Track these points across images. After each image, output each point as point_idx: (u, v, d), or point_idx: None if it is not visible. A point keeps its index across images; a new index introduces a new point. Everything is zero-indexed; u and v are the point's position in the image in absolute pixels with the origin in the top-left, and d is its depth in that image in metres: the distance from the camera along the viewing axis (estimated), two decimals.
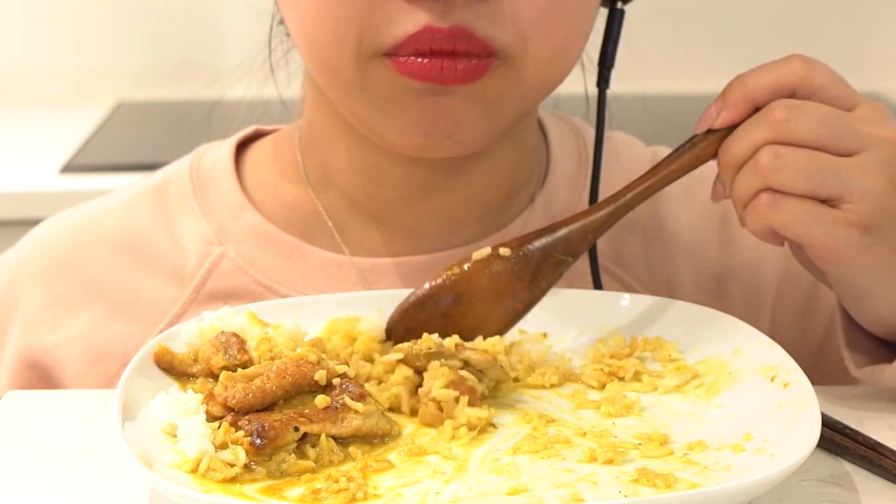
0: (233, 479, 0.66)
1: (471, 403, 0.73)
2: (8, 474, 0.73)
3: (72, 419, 0.80)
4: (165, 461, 0.67)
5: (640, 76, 1.00)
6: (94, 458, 0.74)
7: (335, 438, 0.70)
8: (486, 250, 0.80)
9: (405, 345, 0.76)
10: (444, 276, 0.80)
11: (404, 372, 0.75)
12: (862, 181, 0.74)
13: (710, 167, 0.81)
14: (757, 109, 0.77)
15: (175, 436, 0.69)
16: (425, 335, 0.76)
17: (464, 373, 0.74)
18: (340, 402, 0.71)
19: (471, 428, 0.72)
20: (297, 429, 0.68)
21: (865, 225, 0.74)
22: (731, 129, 0.77)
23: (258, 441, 0.67)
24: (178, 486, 0.64)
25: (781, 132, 0.74)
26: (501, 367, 0.76)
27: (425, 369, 0.75)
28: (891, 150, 0.75)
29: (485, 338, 0.79)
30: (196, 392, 0.72)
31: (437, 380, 0.73)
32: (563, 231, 0.80)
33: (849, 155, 0.75)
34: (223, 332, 0.78)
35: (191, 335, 0.79)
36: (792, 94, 0.77)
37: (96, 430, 0.77)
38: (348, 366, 0.74)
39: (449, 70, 0.78)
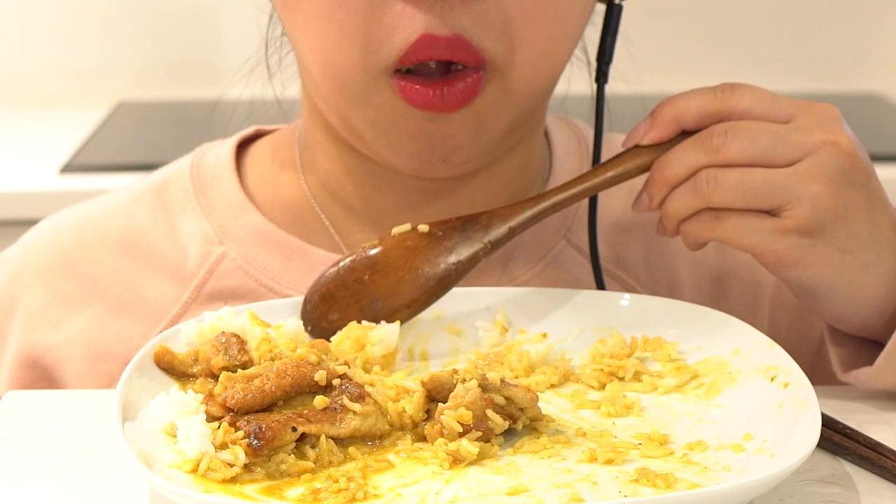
0: (233, 479, 0.66)
1: (484, 438, 0.70)
2: (8, 474, 0.73)
3: (72, 419, 0.80)
4: (165, 461, 0.67)
5: (640, 76, 1.00)
6: (94, 458, 0.74)
7: (334, 439, 0.70)
8: (406, 226, 0.82)
9: (443, 372, 0.73)
10: (362, 247, 0.82)
11: (420, 399, 0.72)
12: (797, 188, 0.77)
13: None
14: (684, 131, 0.81)
15: (175, 436, 0.69)
16: (471, 365, 0.74)
17: (490, 413, 0.71)
18: (339, 402, 0.70)
19: (457, 460, 0.69)
20: (294, 429, 0.68)
21: (806, 228, 0.78)
22: (659, 146, 0.81)
23: (255, 443, 0.67)
24: (178, 486, 0.64)
25: (717, 156, 0.78)
26: (539, 406, 0.74)
27: (445, 400, 0.72)
28: (828, 152, 0.78)
29: (394, 311, 0.81)
30: (196, 392, 0.72)
31: (456, 409, 0.70)
32: (484, 218, 0.83)
33: (787, 165, 0.78)
34: (223, 332, 0.78)
35: (191, 335, 0.79)
36: (725, 118, 0.80)
37: (96, 430, 0.77)
38: (349, 366, 0.74)
39: (449, 96, 0.81)
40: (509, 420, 0.71)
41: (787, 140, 0.78)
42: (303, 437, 0.69)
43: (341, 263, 0.82)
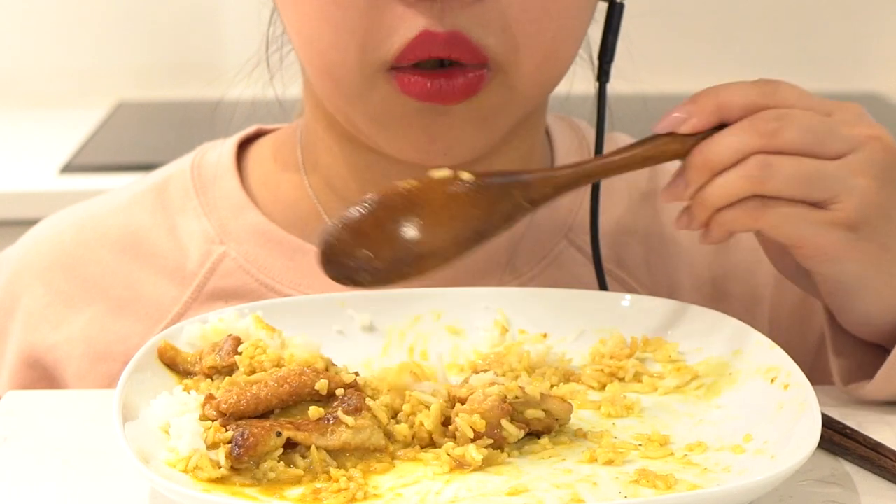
0: (221, 480, 0.66)
1: (496, 446, 0.70)
2: (8, 474, 0.73)
3: (72, 419, 0.80)
4: (160, 458, 0.67)
5: (640, 75, 1.00)
6: (94, 458, 0.74)
7: (325, 450, 0.69)
8: (447, 171, 0.77)
9: (484, 376, 0.72)
10: (401, 186, 0.77)
11: (436, 411, 0.71)
12: (848, 181, 0.76)
13: None
14: (723, 124, 0.77)
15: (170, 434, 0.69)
16: (513, 384, 0.72)
17: (506, 423, 0.70)
18: (334, 414, 0.70)
19: (460, 465, 0.69)
20: (279, 434, 0.67)
21: (853, 222, 0.76)
22: (694, 136, 0.77)
23: (236, 450, 0.66)
24: (178, 486, 0.64)
25: (771, 141, 0.75)
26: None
27: (464, 401, 0.71)
28: (874, 147, 0.77)
29: (427, 256, 0.75)
30: (199, 394, 0.72)
31: (471, 415, 0.70)
32: (526, 176, 0.78)
33: (836, 158, 0.76)
34: (230, 335, 0.77)
35: (193, 336, 0.79)
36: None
37: (96, 430, 0.76)
38: (357, 375, 0.73)
39: (448, 89, 0.79)
40: (545, 432, 0.72)
41: (837, 132, 0.77)
42: (294, 446, 0.68)
43: (373, 199, 0.76)
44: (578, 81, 0.96)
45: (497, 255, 0.93)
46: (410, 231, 0.75)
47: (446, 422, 0.71)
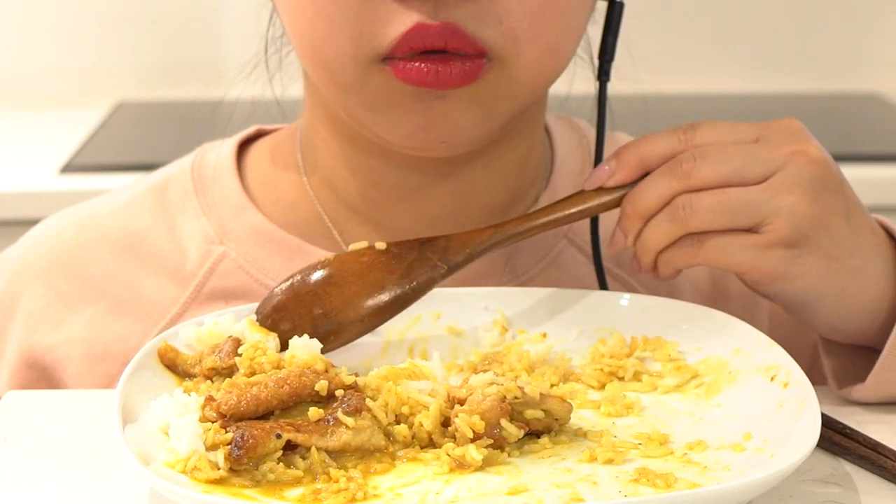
0: (219, 481, 0.66)
1: (496, 446, 0.70)
2: (8, 474, 0.73)
3: (72, 419, 0.80)
4: (159, 459, 0.67)
5: (640, 75, 1.00)
6: (94, 458, 0.74)
7: (326, 451, 0.69)
8: (363, 243, 0.83)
9: (483, 376, 0.72)
10: (318, 260, 0.82)
11: (435, 412, 0.71)
12: (773, 201, 0.78)
13: None
14: (646, 173, 0.82)
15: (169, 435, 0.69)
16: (512, 385, 0.72)
17: (505, 423, 0.70)
18: (334, 415, 0.69)
19: (460, 465, 0.68)
20: (279, 436, 0.67)
21: (788, 240, 0.78)
22: (622, 187, 0.82)
23: (235, 451, 0.66)
24: (178, 487, 0.64)
25: (689, 181, 0.79)
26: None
27: (463, 401, 0.71)
28: (798, 162, 0.79)
29: (347, 325, 0.80)
30: (199, 395, 0.72)
31: (470, 416, 0.70)
32: (442, 241, 0.83)
33: (760, 181, 0.79)
34: (230, 336, 0.77)
35: (189, 338, 0.79)
36: None
37: (96, 430, 0.77)
38: (357, 376, 0.73)
39: (444, 74, 0.80)
40: (544, 431, 0.72)
41: (755, 157, 0.79)
42: (294, 448, 0.68)
43: (296, 276, 0.82)
44: (578, 81, 0.96)
45: (497, 256, 0.93)
46: (328, 302, 0.80)
47: (446, 422, 0.71)
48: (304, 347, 0.76)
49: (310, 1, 0.81)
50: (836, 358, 0.85)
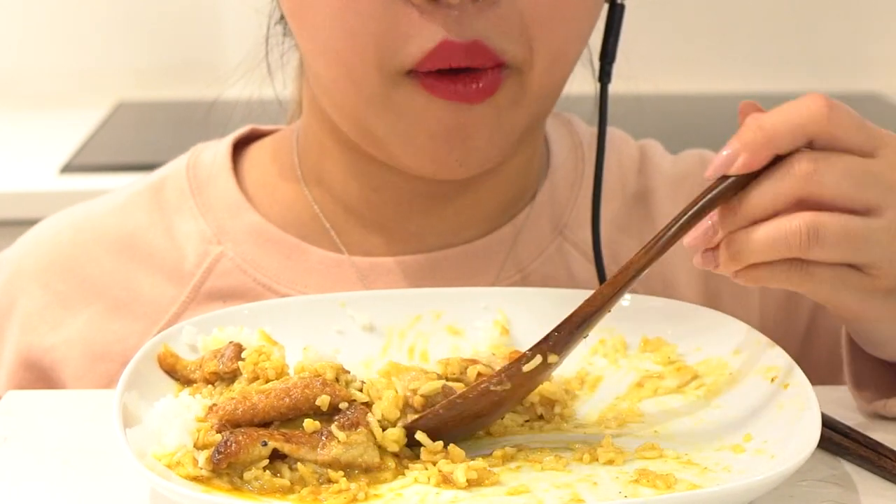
0: (203, 479, 0.66)
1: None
2: (8, 474, 0.73)
3: (72, 419, 0.80)
4: (148, 452, 0.67)
5: (641, 76, 1.00)
6: (94, 458, 0.74)
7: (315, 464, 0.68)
8: (538, 360, 0.72)
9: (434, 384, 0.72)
10: (494, 390, 0.72)
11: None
12: (891, 247, 0.71)
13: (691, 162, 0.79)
14: (778, 156, 0.71)
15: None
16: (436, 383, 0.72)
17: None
18: (328, 428, 0.69)
19: (443, 481, 0.67)
20: (265, 443, 0.67)
21: (892, 288, 0.73)
22: (747, 175, 0.71)
23: (216, 455, 0.66)
24: (178, 486, 0.64)
25: (809, 187, 0.70)
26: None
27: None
28: None
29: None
30: (203, 398, 0.72)
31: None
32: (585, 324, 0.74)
33: (875, 208, 0.71)
34: (231, 341, 0.77)
35: (190, 339, 0.79)
36: (811, 140, 0.71)
37: (96, 430, 0.76)
38: (364, 383, 0.72)
39: (472, 88, 0.80)
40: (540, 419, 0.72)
41: (877, 180, 0.71)
42: (283, 458, 0.68)
43: (461, 395, 0.72)
44: (578, 81, 0.96)
45: (495, 256, 0.93)
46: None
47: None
48: (319, 359, 0.74)
49: (331, 16, 0.80)
50: (865, 390, 0.82)
